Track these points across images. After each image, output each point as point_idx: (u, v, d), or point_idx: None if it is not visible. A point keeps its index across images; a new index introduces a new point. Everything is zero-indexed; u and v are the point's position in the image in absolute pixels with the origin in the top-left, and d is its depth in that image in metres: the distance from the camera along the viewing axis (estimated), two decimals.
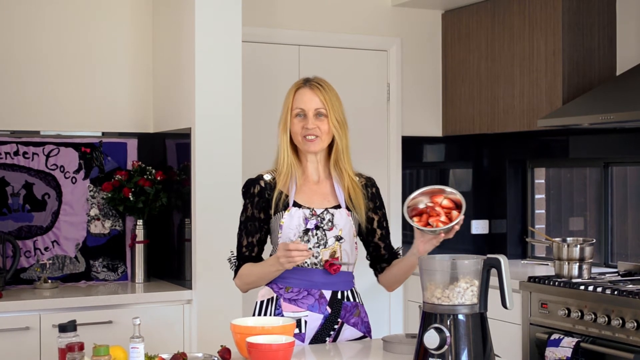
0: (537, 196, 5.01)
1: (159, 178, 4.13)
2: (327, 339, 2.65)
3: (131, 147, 4.32)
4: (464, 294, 2.17)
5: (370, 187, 2.79)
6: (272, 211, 2.65)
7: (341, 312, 2.66)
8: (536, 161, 4.98)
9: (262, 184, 2.69)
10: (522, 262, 4.86)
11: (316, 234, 2.63)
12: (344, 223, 2.66)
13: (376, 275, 2.83)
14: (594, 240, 4.06)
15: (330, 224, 2.64)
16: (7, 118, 4.11)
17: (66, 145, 4.19)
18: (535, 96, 4.38)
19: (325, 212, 2.65)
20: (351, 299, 2.70)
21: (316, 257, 2.63)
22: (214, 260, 3.89)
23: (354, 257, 2.71)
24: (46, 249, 4.14)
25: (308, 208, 2.65)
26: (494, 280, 2.17)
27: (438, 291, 2.19)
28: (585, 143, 4.59)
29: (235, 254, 2.74)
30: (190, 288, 3.91)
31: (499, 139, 5.00)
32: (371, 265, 2.82)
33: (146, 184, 4.10)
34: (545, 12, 4.33)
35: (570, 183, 4.81)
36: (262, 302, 2.69)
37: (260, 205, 2.68)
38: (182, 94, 4.03)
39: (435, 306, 2.18)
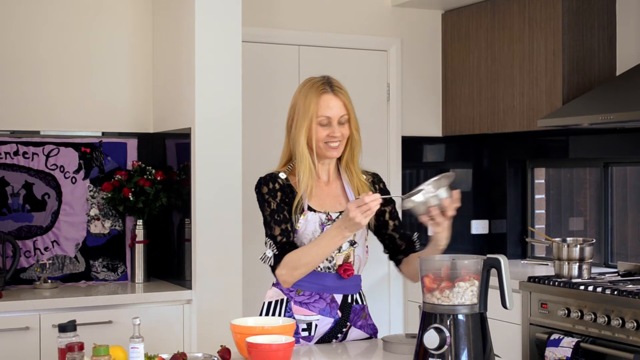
0: (537, 196, 5.01)
1: (159, 178, 4.13)
2: (334, 340, 2.64)
3: (131, 147, 4.32)
4: (464, 294, 2.17)
5: (377, 183, 2.79)
6: (292, 210, 2.61)
7: (350, 316, 2.66)
8: (536, 161, 4.98)
9: (280, 181, 2.63)
10: (522, 262, 4.86)
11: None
12: None
13: (397, 266, 2.78)
14: (594, 240, 4.06)
15: None
16: (7, 118, 4.11)
17: (66, 145, 4.19)
18: (535, 96, 4.38)
19: (340, 216, 2.62)
20: (359, 302, 2.69)
21: (330, 262, 2.61)
22: (214, 260, 3.89)
23: (365, 260, 2.71)
24: (46, 249, 4.14)
25: (324, 213, 2.62)
26: (494, 280, 2.17)
27: (438, 291, 2.19)
28: (585, 143, 4.59)
29: (267, 252, 2.60)
30: (190, 288, 3.91)
31: (499, 139, 5.00)
32: (390, 257, 2.79)
33: (146, 184, 4.10)
34: (545, 12, 4.33)
35: (570, 183, 4.81)
36: (269, 303, 2.66)
37: (284, 199, 2.61)
38: (182, 94, 4.03)
39: (435, 306, 2.18)
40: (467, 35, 4.84)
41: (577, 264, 3.94)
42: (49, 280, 4.03)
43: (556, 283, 3.83)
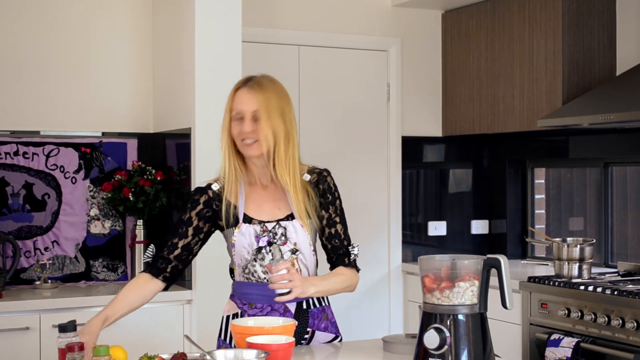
0: (537, 196, 5.01)
1: (159, 178, 4.13)
2: (297, 346, 2.58)
3: (131, 147, 4.32)
4: (464, 294, 2.17)
5: (322, 183, 2.62)
6: (224, 224, 2.57)
7: (309, 321, 2.59)
8: (536, 161, 4.98)
9: (211, 193, 2.58)
10: (522, 262, 4.86)
11: (270, 251, 2.53)
12: (299, 235, 2.55)
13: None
14: (594, 240, 4.06)
15: (283, 238, 2.54)
16: (7, 118, 4.11)
17: (66, 145, 4.19)
18: (535, 96, 4.38)
19: (276, 226, 2.54)
20: (317, 305, 2.61)
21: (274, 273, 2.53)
22: (213, 260, 3.88)
23: (313, 263, 2.61)
24: (46, 249, 4.14)
25: (259, 223, 2.54)
26: (494, 280, 2.17)
27: (438, 291, 2.19)
28: (585, 143, 4.59)
29: (153, 251, 2.62)
30: (190, 288, 3.91)
31: (499, 139, 5.00)
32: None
33: (146, 184, 4.10)
34: (545, 13, 4.33)
35: (570, 183, 4.81)
36: (227, 317, 2.63)
37: (204, 215, 2.58)
38: (182, 94, 4.03)
39: (435, 306, 2.18)
40: (467, 35, 4.84)
41: (577, 264, 3.94)
42: (49, 281, 4.03)
43: (556, 283, 3.83)
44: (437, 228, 5.01)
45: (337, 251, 2.62)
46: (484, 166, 5.14)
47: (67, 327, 2.24)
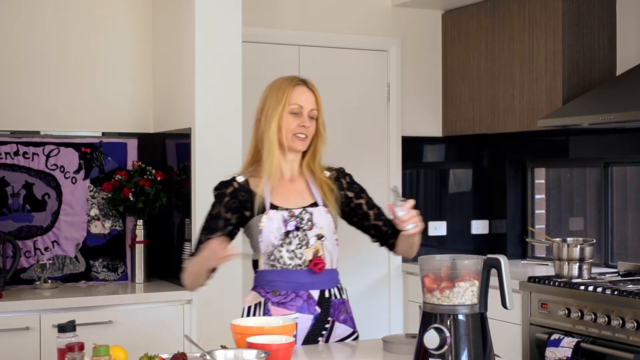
0: (537, 196, 5.01)
1: (159, 178, 4.13)
2: (320, 338, 2.63)
3: (131, 147, 4.32)
4: (464, 294, 2.17)
5: (343, 178, 2.77)
6: (249, 214, 2.62)
7: (330, 311, 2.64)
8: (536, 161, 4.98)
9: (236, 185, 2.64)
10: (522, 262, 4.87)
11: (297, 235, 2.60)
12: (324, 221, 2.64)
13: (391, 250, 2.76)
14: (594, 240, 4.06)
15: (310, 223, 2.62)
16: (7, 118, 4.11)
17: (66, 145, 4.19)
18: (535, 96, 4.38)
19: (303, 211, 2.63)
20: (338, 296, 2.67)
21: (300, 258, 2.60)
22: None
23: (336, 253, 2.68)
24: (46, 249, 4.14)
25: (286, 209, 2.62)
26: (494, 280, 2.17)
27: (438, 291, 2.19)
28: (585, 143, 4.59)
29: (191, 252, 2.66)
30: None
31: (499, 139, 5.00)
32: (381, 245, 2.77)
33: (146, 184, 4.10)
34: (545, 13, 4.33)
35: (570, 183, 4.81)
36: (249, 308, 2.67)
37: (230, 205, 2.63)
38: (182, 94, 4.03)
39: (435, 306, 2.18)
40: (467, 35, 4.84)
41: (577, 264, 3.94)
42: (49, 281, 4.03)
43: (556, 283, 3.83)
44: (437, 228, 5.01)
45: (391, 223, 2.67)
46: (484, 166, 5.14)
47: (67, 327, 2.24)
